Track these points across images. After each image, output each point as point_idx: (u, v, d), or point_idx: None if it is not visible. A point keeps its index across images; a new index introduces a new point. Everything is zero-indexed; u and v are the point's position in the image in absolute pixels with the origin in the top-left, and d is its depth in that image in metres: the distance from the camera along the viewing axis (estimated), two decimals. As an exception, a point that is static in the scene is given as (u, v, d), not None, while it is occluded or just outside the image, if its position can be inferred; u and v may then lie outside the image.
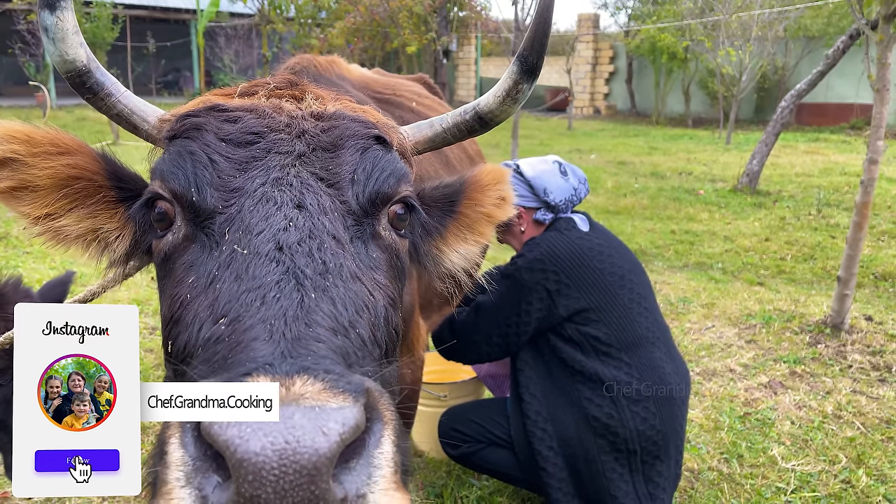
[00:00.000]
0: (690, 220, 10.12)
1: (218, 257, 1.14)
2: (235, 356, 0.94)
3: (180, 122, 1.32)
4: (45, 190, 1.34)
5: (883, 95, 5.33)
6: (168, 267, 1.26)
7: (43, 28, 1.25)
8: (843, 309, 5.53)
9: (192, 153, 1.25)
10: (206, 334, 1.04)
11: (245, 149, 1.26)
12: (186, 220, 1.24)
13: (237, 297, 1.05)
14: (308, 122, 1.35)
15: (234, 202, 1.20)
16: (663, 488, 3.10)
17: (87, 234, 1.38)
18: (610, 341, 3.05)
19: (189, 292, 1.15)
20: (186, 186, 1.22)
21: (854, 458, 3.81)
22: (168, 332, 1.18)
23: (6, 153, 1.30)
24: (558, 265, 3.06)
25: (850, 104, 22.78)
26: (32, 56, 22.61)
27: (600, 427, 3.01)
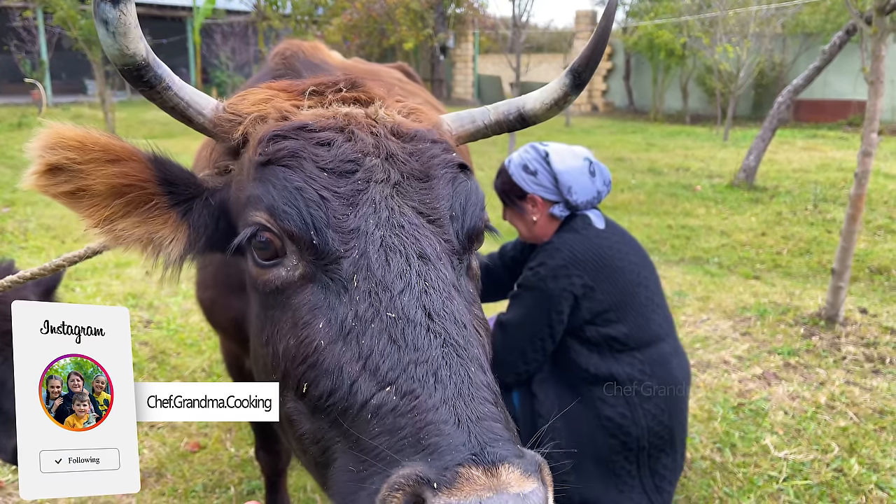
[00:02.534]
0: (687, 215, 10.13)
1: (352, 306, 1.16)
2: (431, 439, 0.98)
3: (273, 146, 1.28)
4: (101, 196, 1.34)
5: (877, 88, 5.33)
6: (281, 301, 1.26)
7: (101, 21, 1.20)
8: (838, 301, 5.54)
9: (300, 190, 1.23)
10: (375, 401, 1.06)
11: (346, 179, 1.26)
12: (304, 260, 1.24)
13: (404, 367, 1.07)
14: (392, 142, 1.35)
15: (353, 244, 1.21)
16: (669, 480, 3.08)
17: (142, 238, 1.38)
18: (627, 341, 2.97)
19: (323, 338, 1.16)
20: (304, 228, 1.22)
21: (846, 448, 3.82)
22: (297, 370, 1.19)
23: (61, 160, 1.30)
24: (582, 268, 2.96)
25: (847, 101, 22.79)
26: (28, 53, 22.60)
27: (613, 427, 2.95)
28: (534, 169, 3.11)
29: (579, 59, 1.55)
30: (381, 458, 1.00)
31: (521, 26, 18.07)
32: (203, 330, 5.27)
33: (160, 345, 5.05)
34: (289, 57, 2.18)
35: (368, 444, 1.03)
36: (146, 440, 3.87)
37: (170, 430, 3.98)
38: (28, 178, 1.31)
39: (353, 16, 23.83)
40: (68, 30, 17.26)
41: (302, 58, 2.18)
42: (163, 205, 1.38)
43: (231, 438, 3.92)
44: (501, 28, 26.86)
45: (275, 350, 1.26)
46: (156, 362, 4.79)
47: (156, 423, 4.04)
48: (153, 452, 3.75)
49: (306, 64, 2.15)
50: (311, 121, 1.32)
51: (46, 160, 1.30)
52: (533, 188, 3.11)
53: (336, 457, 1.12)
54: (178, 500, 3.38)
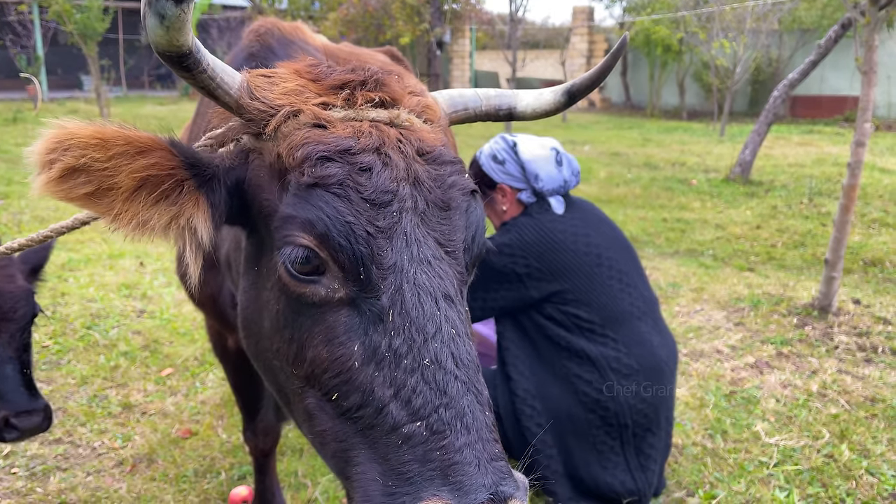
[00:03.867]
0: (682, 208, 10.14)
1: (387, 337, 1.24)
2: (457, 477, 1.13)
3: (320, 169, 1.27)
4: (128, 191, 1.29)
5: (870, 78, 5.34)
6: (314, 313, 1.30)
7: (158, 15, 1.15)
8: (831, 291, 5.55)
9: (351, 224, 1.26)
10: (406, 430, 1.18)
11: (385, 211, 1.29)
12: (346, 287, 1.28)
13: (435, 408, 1.19)
14: (419, 165, 1.37)
15: (391, 280, 1.26)
16: (654, 459, 3.13)
17: (171, 224, 1.35)
18: (592, 319, 3.06)
19: (357, 359, 1.24)
20: (353, 264, 1.26)
21: (837, 434, 3.83)
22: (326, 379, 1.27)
23: (82, 161, 1.24)
24: (527, 250, 3.07)
25: (843, 97, 22.82)
26: (24, 48, 22.54)
27: (591, 402, 3.03)
28: (502, 158, 3.26)
29: (580, 84, 1.65)
30: (411, 482, 1.15)
31: (518, 22, 18.08)
32: (195, 319, 5.27)
33: (153, 334, 5.04)
34: (263, 34, 2.15)
35: (398, 466, 1.17)
36: (137, 427, 3.87)
37: (161, 417, 3.98)
38: (40, 184, 1.24)
39: (349, 10, 23.80)
40: (64, 24, 17.23)
41: (278, 35, 2.16)
42: (191, 188, 1.36)
43: (223, 425, 3.92)
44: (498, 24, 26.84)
45: (301, 353, 1.31)
46: (148, 351, 4.78)
47: (147, 410, 4.04)
48: (144, 439, 3.75)
49: (282, 42, 2.13)
50: (352, 143, 1.31)
51: (65, 163, 1.23)
52: (502, 177, 3.25)
53: (360, 462, 1.22)
54: (168, 485, 3.38)
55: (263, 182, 1.38)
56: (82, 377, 4.37)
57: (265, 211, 1.38)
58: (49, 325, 5.11)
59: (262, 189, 1.38)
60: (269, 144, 1.37)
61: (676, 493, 3.33)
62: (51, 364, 4.55)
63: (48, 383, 4.29)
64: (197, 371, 4.53)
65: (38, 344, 4.79)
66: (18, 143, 14.54)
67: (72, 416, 3.93)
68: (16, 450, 3.59)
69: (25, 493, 3.29)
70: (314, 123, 1.35)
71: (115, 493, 3.30)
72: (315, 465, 3.52)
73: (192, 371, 4.53)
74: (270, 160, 1.37)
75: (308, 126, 1.34)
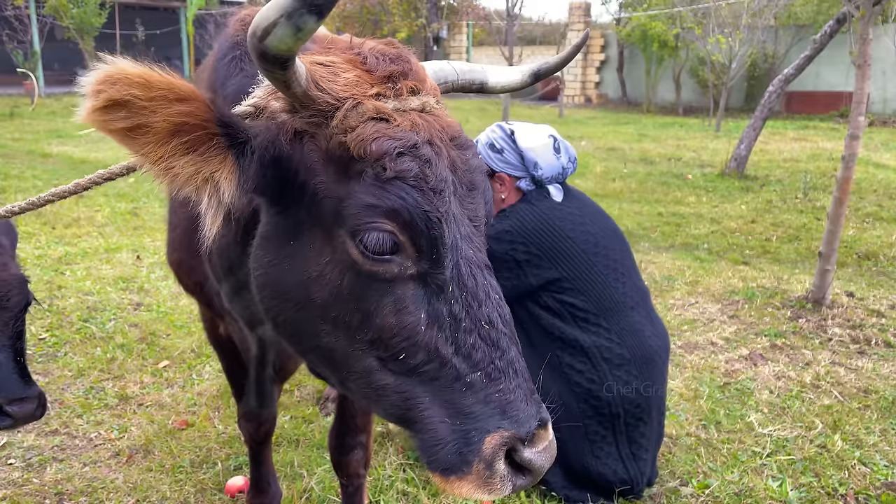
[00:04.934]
0: (678, 203, 10.16)
1: (447, 305, 1.45)
2: (513, 412, 1.42)
3: (399, 164, 1.40)
4: (161, 134, 1.37)
5: (864, 71, 5.36)
6: (383, 286, 1.45)
7: (295, 27, 1.24)
8: (825, 284, 5.58)
9: (427, 213, 1.41)
10: (469, 379, 1.43)
11: (442, 198, 1.44)
12: (417, 265, 1.45)
13: (491, 359, 1.44)
14: (453, 152, 1.53)
15: (450, 258, 1.46)
16: (646, 448, 3.15)
17: (197, 177, 1.42)
18: (587, 308, 3.08)
19: (423, 325, 1.44)
20: (429, 247, 1.43)
21: (830, 425, 3.85)
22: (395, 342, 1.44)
23: (124, 96, 1.31)
24: (526, 237, 3.08)
25: (839, 92, 22.85)
26: (20, 43, 22.45)
27: (583, 392, 3.05)
28: (500, 147, 3.24)
29: (545, 68, 1.89)
30: (477, 419, 1.40)
31: (515, 17, 18.07)
32: (192, 312, 5.28)
33: (150, 327, 5.05)
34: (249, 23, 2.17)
35: (464, 408, 1.41)
36: (134, 418, 3.88)
37: (158, 409, 3.99)
38: (85, 111, 1.31)
39: (346, 6, 23.78)
40: (60, 19, 17.22)
41: None
42: (220, 145, 1.43)
43: (219, 416, 3.93)
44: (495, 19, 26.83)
45: (367, 321, 1.45)
46: (145, 343, 4.79)
47: (144, 402, 4.05)
48: (141, 430, 3.76)
49: None
50: (416, 137, 1.45)
51: (109, 95, 1.30)
52: (500, 166, 3.24)
53: (425, 408, 1.43)
54: (165, 475, 3.39)
55: (317, 166, 1.47)
56: (79, 369, 4.38)
57: (320, 193, 1.47)
58: (46, 318, 5.12)
59: (315, 172, 1.47)
60: (326, 132, 1.46)
61: (670, 482, 3.35)
62: (47, 356, 4.56)
63: (45, 375, 4.30)
64: (193, 363, 4.54)
65: (34, 336, 4.80)
66: (15, 139, 14.52)
67: (68, 408, 3.94)
68: (12, 441, 3.61)
69: (22, 483, 3.31)
70: (378, 117, 1.45)
71: (112, 483, 3.32)
72: (311, 455, 3.54)
73: (189, 363, 4.54)
74: (327, 146, 1.46)
75: (372, 119, 1.45)
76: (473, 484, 1.40)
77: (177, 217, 2.26)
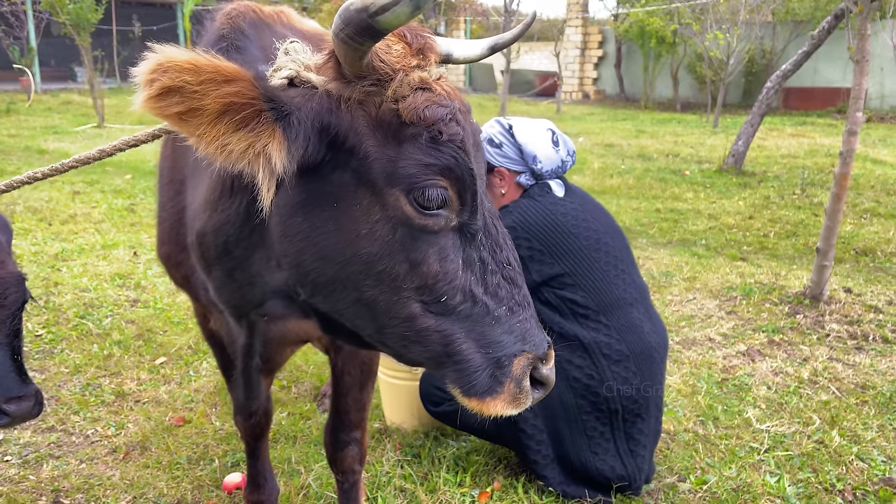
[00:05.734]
0: (676, 199, 10.16)
1: (477, 252, 1.64)
2: (530, 338, 1.67)
3: (450, 128, 1.58)
4: (212, 115, 1.45)
5: (862, 67, 5.35)
6: (429, 238, 1.60)
7: (415, 5, 1.37)
8: (822, 280, 5.57)
9: (471, 171, 1.59)
10: (497, 313, 1.64)
11: (473, 157, 1.63)
12: (459, 216, 1.61)
13: (512, 295, 1.66)
14: (466, 115, 1.68)
15: (480, 209, 1.64)
16: (644, 445, 3.14)
17: (250, 151, 1.51)
18: (587, 304, 3.07)
19: (460, 269, 1.62)
20: (473, 198, 1.61)
21: (828, 420, 3.85)
22: (439, 286, 1.61)
23: (176, 82, 1.39)
24: (530, 232, 3.07)
25: (837, 88, 22.86)
26: (16, 39, 22.39)
27: (581, 388, 3.05)
28: (499, 142, 3.25)
29: (502, 42, 2.03)
30: (504, 346, 1.63)
31: (512, 13, 18.05)
32: (189, 309, 5.27)
33: (147, 323, 5.04)
34: (234, 17, 2.22)
35: (494, 338, 1.63)
36: (131, 415, 3.87)
37: (154, 405, 3.98)
38: (142, 100, 1.40)
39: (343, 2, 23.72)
40: (57, 15, 17.14)
41: (250, 18, 2.20)
42: (268, 119, 1.51)
43: (216, 413, 3.93)
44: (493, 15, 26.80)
45: (415, 269, 1.60)
46: (142, 340, 4.78)
47: (141, 398, 4.05)
48: (137, 427, 3.76)
49: (254, 24, 2.18)
50: (457, 105, 1.64)
51: (162, 83, 1.39)
52: (500, 161, 3.24)
53: (461, 342, 1.61)
54: (162, 472, 3.39)
55: (367, 131, 1.58)
56: (76, 366, 4.37)
57: (371, 156, 1.58)
58: (42, 315, 5.10)
59: (366, 137, 1.58)
60: (377, 99, 1.57)
61: (668, 478, 3.35)
62: (44, 353, 4.55)
63: (41, 372, 4.29)
64: (190, 360, 4.53)
65: (31, 333, 4.79)
66: (11, 135, 14.49)
67: (65, 405, 3.93)
68: (8, 437, 3.60)
69: (18, 480, 3.30)
70: (422, 86, 1.59)
71: (109, 480, 3.31)
72: (308, 451, 3.54)
73: (186, 360, 4.53)
74: (377, 113, 1.57)
75: (419, 89, 1.58)
76: (505, 401, 1.64)
77: (165, 211, 2.29)
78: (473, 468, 3.39)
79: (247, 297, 1.94)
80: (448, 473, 3.35)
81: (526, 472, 3.34)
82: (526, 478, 3.31)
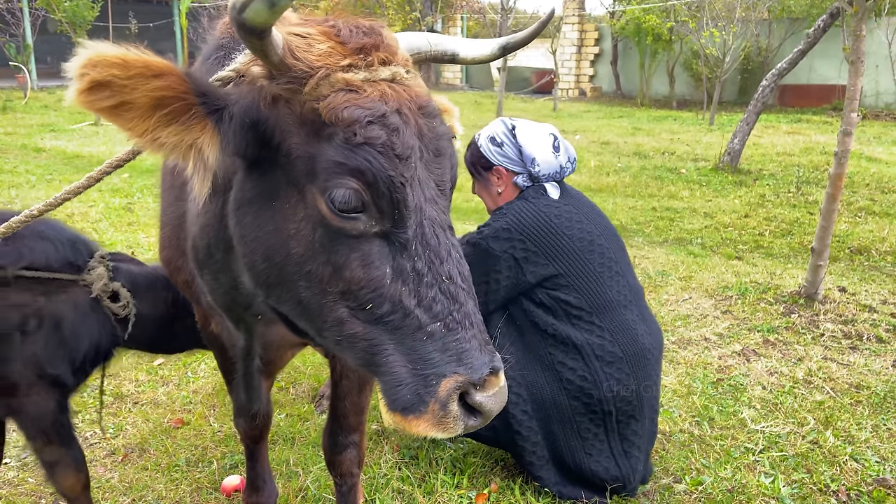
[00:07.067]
0: (671, 197, 10.19)
1: (411, 262, 1.56)
2: (468, 360, 1.53)
3: (367, 132, 1.52)
4: (143, 108, 1.49)
5: (857, 67, 5.37)
6: (351, 242, 1.57)
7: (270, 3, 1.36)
8: (817, 279, 5.60)
9: (391, 178, 1.52)
10: (429, 329, 1.54)
11: (408, 164, 1.55)
12: (381, 223, 1.56)
13: (450, 311, 1.55)
14: (421, 120, 1.62)
15: (413, 218, 1.56)
16: (638, 446, 3.17)
17: (181, 145, 1.54)
18: (581, 305, 3.10)
19: (388, 278, 1.55)
20: (391, 207, 1.54)
21: (822, 420, 3.88)
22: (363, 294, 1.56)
23: (105, 77, 1.43)
24: (524, 233, 3.10)
25: (832, 85, 22.87)
26: (13, 36, 22.33)
27: (574, 389, 3.07)
28: (500, 141, 3.30)
29: (514, 42, 1.98)
30: (435, 365, 1.52)
31: (509, 11, 18.05)
32: (187, 309, 5.27)
33: (144, 324, 5.05)
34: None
35: (424, 355, 1.53)
36: (129, 416, 3.89)
37: (153, 407, 4.00)
38: (73, 94, 1.43)
39: (339, -1, 23.73)
40: (53, 12, 17.12)
41: None
42: (199, 114, 1.55)
43: (214, 415, 3.94)
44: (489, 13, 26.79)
45: (338, 273, 1.57)
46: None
47: (139, 400, 4.06)
48: (136, 429, 3.77)
49: None
50: (385, 107, 1.56)
51: (91, 77, 1.42)
52: (499, 160, 3.28)
53: (388, 354, 1.55)
54: (160, 474, 3.40)
55: (292, 128, 1.58)
56: (73, 367, 4.38)
57: (294, 153, 1.58)
58: (40, 316, 5.10)
59: (290, 134, 1.58)
60: (301, 98, 1.56)
61: (664, 479, 3.37)
62: (42, 354, 4.55)
63: (39, 374, 4.29)
64: (188, 361, 4.54)
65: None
66: (8, 133, 14.45)
67: (63, 407, 3.94)
68: (7, 440, 3.60)
69: (17, 483, 3.32)
70: (347, 87, 1.56)
71: (107, 482, 3.33)
72: (306, 453, 3.56)
73: (184, 361, 4.54)
74: (301, 111, 1.56)
75: (342, 89, 1.55)
76: (429, 422, 1.53)
77: (166, 216, 2.32)
78: (471, 470, 3.42)
79: (236, 300, 1.97)
80: (445, 475, 3.37)
81: (523, 474, 3.36)
82: (523, 479, 3.33)
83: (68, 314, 2.63)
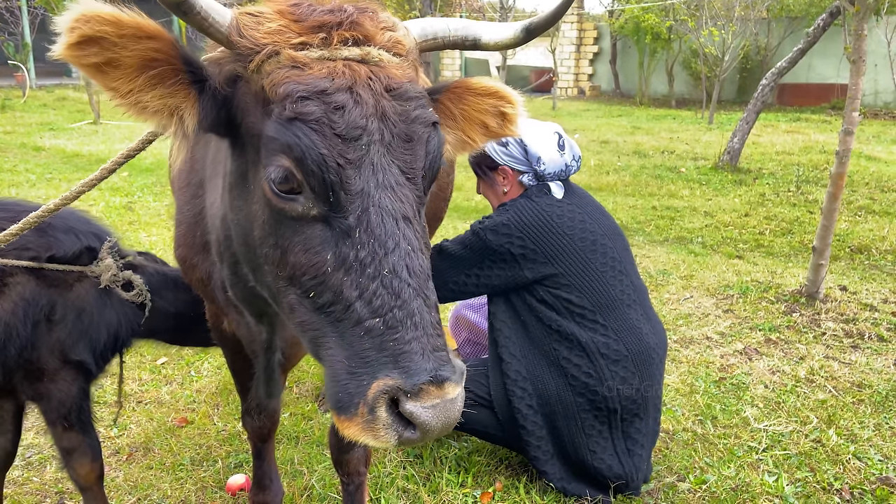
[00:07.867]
0: (672, 196, 10.20)
1: (353, 250, 1.47)
2: (406, 363, 1.40)
3: (300, 107, 1.47)
4: (130, 69, 1.50)
5: (859, 67, 5.38)
6: (293, 225, 1.53)
7: None
8: (818, 278, 5.61)
9: (324, 157, 1.46)
10: (367, 324, 1.44)
11: (355, 144, 1.48)
12: (318, 206, 1.50)
13: (391, 308, 1.44)
14: (386, 101, 1.54)
15: (358, 203, 1.48)
16: (641, 444, 3.18)
17: (163, 109, 1.56)
18: (583, 304, 3.11)
19: (329, 266, 1.49)
20: (324, 188, 1.47)
21: (825, 419, 3.89)
22: (304, 280, 1.52)
23: (96, 32, 1.43)
24: (524, 231, 3.10)
25: (831, 84, 22.91)
26: (11, 35, 22.32)
27: (580, 386, 3.08)
28: (505, 140, 3.26)
29: (537, 23, 1.87)
30: (369, 364, 1.41)
31: (509, 10, 18.06)
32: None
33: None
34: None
35: (360, 352, 1.43)
36: (133, 416, 3.89)
37: (157, 406, 4.00)
38: (60, 47, 1.44)
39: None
40: (52, 11, 17.08)
41: None
42: (184, 81, 1.56)
43: (219, 413, 3.95)
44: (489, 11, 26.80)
45: (284, 257, 1.55)
46: (142, 340, 4.79)
47: (143, 399, 4.06)
48: (140, 428, 3.78)
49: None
50: (327, 83, 1.50)
51: (82, 31, 1.43)
52: (504, 159, 3.28)
53: (330, 347, 1.49)
54: (165, 473, 3.41)
55: (249, 106, 1.58)
56: (77, 366, 4.38)
57: (251, 131, 1.58)
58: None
59: (248, 112, 1.59)
60: (255, 76, 1.56)
61: (667, 478, 3.38)
62: (45, 353, 4.55)
63: (43, 373, 4.29)
64: (192, 359, 4.55)
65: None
66: (7, 132, 14.44)
67: (67, 406, 3.94)
68: (12, 439, 3.61)
69: (22, 482, 3.32)
70: (292, 64, 1.53)
71: (112, 481, 3.33)
72: (311, 452, 3.56)
73: (187, 359, 4.55)
74: (255, 89, 1.56)
75: (286, 66, 1.52)
76: (358, 426, 1.43)
77: (181, 214, 2.32)
78: (475, 469, 3.42)
79: (255, 293, 1.95)
80: (450, 474, 3.38)
81: (527, 473, 3.37)
82: (527, 478, 3.34)
83: (91, 302, 2.70)
